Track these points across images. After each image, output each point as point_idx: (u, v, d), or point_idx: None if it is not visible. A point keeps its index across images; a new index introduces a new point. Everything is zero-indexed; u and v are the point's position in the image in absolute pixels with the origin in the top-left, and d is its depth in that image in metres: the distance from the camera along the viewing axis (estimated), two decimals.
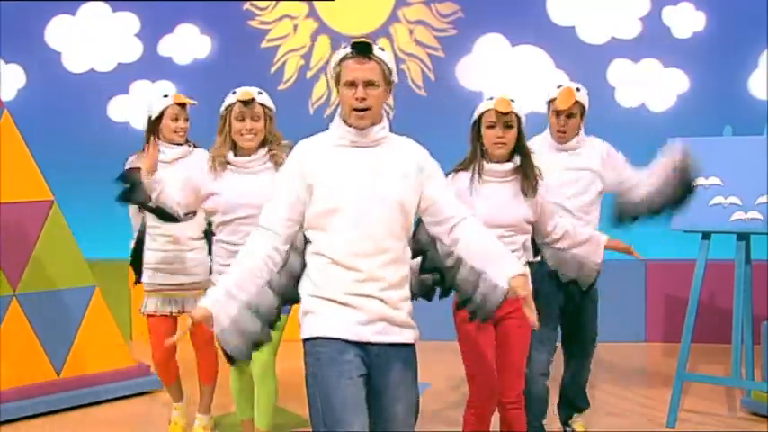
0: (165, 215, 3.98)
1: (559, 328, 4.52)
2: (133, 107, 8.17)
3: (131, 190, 4.01)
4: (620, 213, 4.46)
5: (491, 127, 3.61)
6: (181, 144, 4.43)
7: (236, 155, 3.82)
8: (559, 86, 4.32)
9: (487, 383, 3.70)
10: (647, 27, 7.92)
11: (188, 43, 8.50)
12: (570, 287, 4.22)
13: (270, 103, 3.87)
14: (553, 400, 4.62)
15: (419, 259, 3.28)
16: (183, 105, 4.39)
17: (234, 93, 3.82)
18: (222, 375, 4.57)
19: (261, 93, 3.85)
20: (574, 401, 4.74)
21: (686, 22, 7.87)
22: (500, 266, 2.89)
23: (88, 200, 7.48)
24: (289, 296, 2.92)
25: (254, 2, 8.43)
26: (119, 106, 8.46)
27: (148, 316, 4.49)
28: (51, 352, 5.38)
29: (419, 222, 3.06)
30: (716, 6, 7.82)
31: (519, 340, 3.73)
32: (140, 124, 4.75)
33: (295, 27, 8.39)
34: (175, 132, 4.38)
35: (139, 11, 8.55)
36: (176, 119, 4.39)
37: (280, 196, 2.85)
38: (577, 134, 4.34)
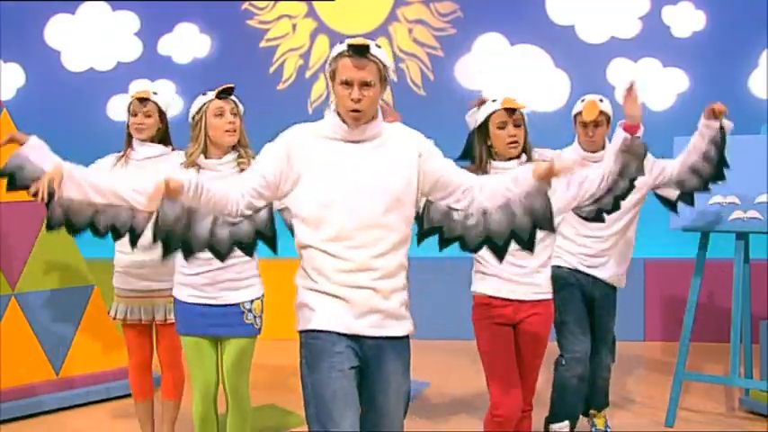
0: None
1: None
2: None
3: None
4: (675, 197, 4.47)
5: (502, 127, 3.55)
6: (146, 141, 4.20)
7: (206, 158, 3.67)
8: (583, 100, 4.41)
9: (508, 386, 3.58)
10: (647, 26, 7.92)
11: (187, 42, 8.53)
12: (590, 287, 4.40)
13: (239, 103, 3.73)
14: None
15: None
16: (140, 99, 4.18)
17: (204, 94, 3.70)
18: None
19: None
20: (591, 399, 4.67)
21: (686, 21, 7.88)
22: (518, 180, 2.91)
23: None
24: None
25: (253, 1, 8.44)
26: (118, 105, 8.47)
27: (123, 324, 4.28)
28: (50, 351, 5.38)
29: (427, 204, 2.98)
30: (715, 5, 7.82)
31: (535, 345, 3.65)
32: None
33: (294, 26, 8.39)
34: (136, 130, 4.18)
35: (139, 10, 8.58)
36: (135, 114, 4.19)
37: (261, 167, 2.84)
38: (603, 147, 4.38)
